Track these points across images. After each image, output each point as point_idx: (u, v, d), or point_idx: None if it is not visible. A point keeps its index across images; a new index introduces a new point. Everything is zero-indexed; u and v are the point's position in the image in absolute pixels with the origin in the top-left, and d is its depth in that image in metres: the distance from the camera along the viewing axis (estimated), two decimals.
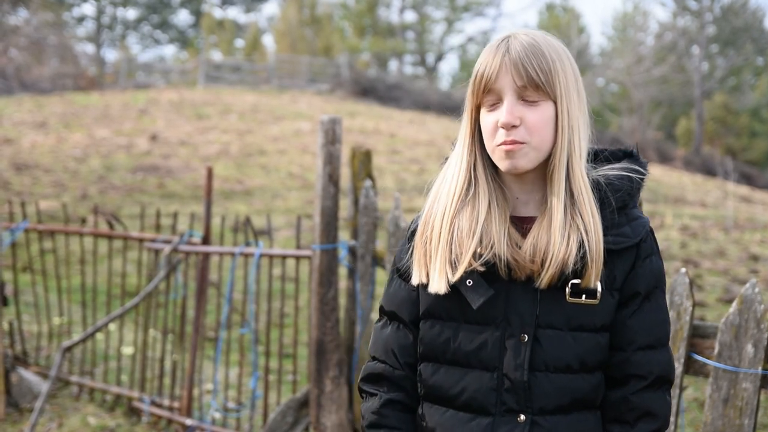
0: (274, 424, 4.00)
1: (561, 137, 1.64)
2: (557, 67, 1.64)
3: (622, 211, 1.67)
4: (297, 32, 36.78)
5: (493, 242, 1.64)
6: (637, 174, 1.70)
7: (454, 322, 1.70)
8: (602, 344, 1.67)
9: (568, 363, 1.65)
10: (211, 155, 16.40)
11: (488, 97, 1.66)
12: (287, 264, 7.79)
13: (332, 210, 3.91)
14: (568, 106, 1.64)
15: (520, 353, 1.64)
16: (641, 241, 1.67)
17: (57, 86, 28.13)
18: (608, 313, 1.66)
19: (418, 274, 1.71)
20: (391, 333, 1.78)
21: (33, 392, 5.15)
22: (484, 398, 1.67)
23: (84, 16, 45.36)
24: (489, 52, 1.66)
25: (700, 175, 22.92)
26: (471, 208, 1.67)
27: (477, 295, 1.64)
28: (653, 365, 1.67)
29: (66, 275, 6.41)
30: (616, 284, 1.66)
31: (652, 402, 1.67)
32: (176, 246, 4.77)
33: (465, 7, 42.99)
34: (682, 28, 35.32)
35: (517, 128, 1.63)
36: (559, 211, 1.62)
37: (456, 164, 1.73)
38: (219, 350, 4.66)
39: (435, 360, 1.72)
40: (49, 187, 13.12)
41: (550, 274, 1.61)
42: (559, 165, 1.64)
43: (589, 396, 1.67)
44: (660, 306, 1.69)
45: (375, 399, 1.78)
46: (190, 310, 5.89)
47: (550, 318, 1.65)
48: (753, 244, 10.33)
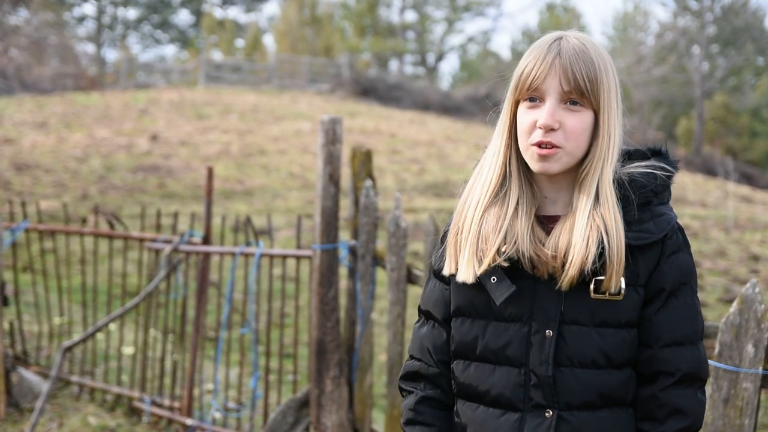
0: (274, 424, 4.00)
1: (600, 146, 1.67)
2: (602, 76, 1.66)
3: (645, 207, 1.68)
4: (297, 32, 36.79)
5: (517, 238, 1.67)
6: (663, 171, 1.71)
7: (482, 320, 1.73)
8: (628, 340, 1.67)
9: (593, 358, 1.66)
10: (212, 155, 16.41)
11: (530, 95, 1.67)
12: (288, 264, 7.79)
13: (333, 210, 3.91)
14: (608, 115, 1.67)
15: (544, 349, 1.66)
16: (666, 237, 1.67)
17: (57, 86, 28.14)
18: (633, 309, 1.67)
19: (449, 264, 1.74)
20: (427, 332, 1.83)
21: (33, 392, 5.15)
22: (512, 394, 1.69)
23: (84, 16, 45.38)
24: (539, 51, 1.67)
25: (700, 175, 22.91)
26: (501, 204, 1.70)
27: (500, 292, 1.67)
28: (681, 362, 1.67)
29: (66, 275, 6.41)
30: (640, 280, 1.67)
31: (681, 399, 1.66)
32: (177, 246, 4.78)
33: (465, 6, 42.99)
34: (682, 27, 35.31)
35: (555, 131, 1.64)
36: (584, 215, 1.64)
37: (492, 157, 1.74)
38: (219, 350, 4.66)
39: (466, 357, 1.75)
40: (50, 187, 13.12)
41: (570, 275, 1.63)
42: (592, 172, 1.66)
43: (617, 392, 1.68)
44: (687, 303, 1.69)
45: (412, 396, 1.82)
46: (190, 310, 5.89)
47: (574, 314, 1.66)
48: (753, 244, 10.33)
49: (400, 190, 13.29)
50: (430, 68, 44.46)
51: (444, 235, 1.80)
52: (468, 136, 21.54)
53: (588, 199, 1.65)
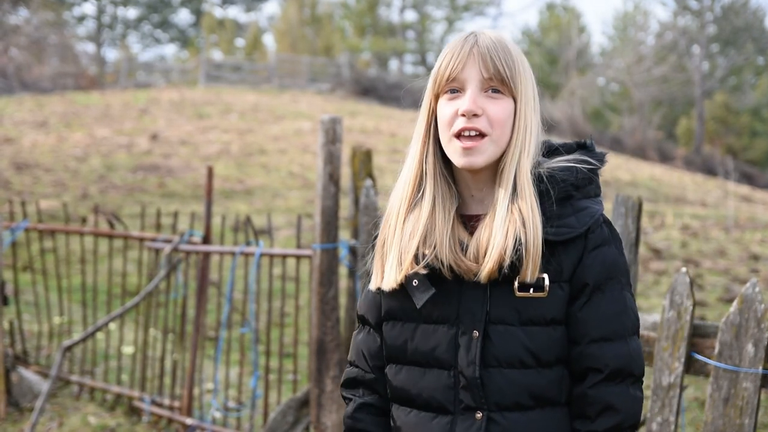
0: (274, 423, 4.00)
1: (516, 135, 1.65)
2: (519, 66, 1.66)
3: (566, 201, 1.65)
4: (297, 32, 36.78)
5: (436, 244, 1.64)
6: (586, 165, 1.68)
7: (411, 323, 1.70)
8: (555, 338, 1.64)
9: (520, 358, 1.63)
10: (212, 155, 16.40)
11: (450, 87, 1.67)
12: (288, 263, 7.78)
13: (333, 209, 3.90)
14: (525, 105, 1.66)
15: (471, 349, 1.64)
16: (588, 231, 1.64)
17: (57, 86, 28.14)
18: (558, 305, 1.64)
19: (376, 275, 1.73)
20: (363, 337, 1.81)
21: (33, 392, 5.15)
22: (442, 397, 1.67)
23: (84, 16, 45.36)
24: (456, 44, 1.68)
25: (700, 175, 22.92)
26: (418, 209, 1.68)
27: (420, 295, 1.65)
28: (608, 358, 1.63)
29: (66, 275, 6.41)
30: (564, 276, 1.64)
31: (611, 396, 1.63)
32: (177, 245, 4.77)
33: (465, 6, 42.99)
34: (682, 27, 35.31)
35: (479, 117, 1.63)
36: (503, 207, 1.62)
37: (410, 160, 1.73)
38: (219, 350, 4.66)
39: (397, 361, 1.73)
40: (50, 186, 13.12)
41: (489, 268, 1.60)
42: (510, 162, 1.64)
43: (549, 392, 1.65)
44: (615, 298, 1.65)
45: (351, 403, 1.80)
46: (190, 309, 5.88)
47: (500, 313, 1.64)
48: (753, 244, 10.32)
49: None
50: (430, 68, 44.36)
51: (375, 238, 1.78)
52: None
53: (506, 192, 1.62)
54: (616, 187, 16.00)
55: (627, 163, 21.88)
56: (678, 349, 2.60)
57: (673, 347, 2.61)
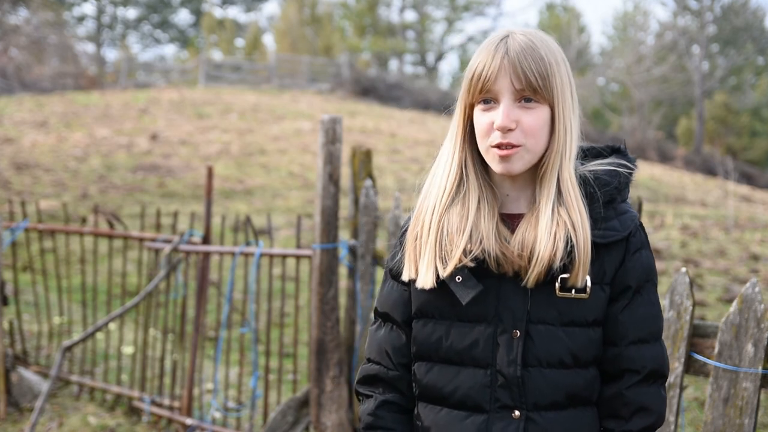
0: (274, 423, 4.00)
1: (556, 140, 1.65)
2: (554, 71, 1.65)
3: (609, 205, 1.67)
4: (297, 32, 36.78)
5: (482, 238, 1.65)
6: (625, 169, 1.71)
7: (445, 320, 1.71)
8: (594, 339, 1.67)
9: (560, 358, 1.65)
10: (212, 155, 16.40)
11: (484, 97, 1.66)
12: (287, 263, 7.79)
13: (332, 209, 3.90)
14: (563, 109, 1.66)
15: (512, 349, 1.65)
16: (630, 235, 1.67)
17: (57, 86, 28.13)
18: (599, 307, 1.66)
19: (408, 270, 1.72)
20: (385, 334, 1.80)
21: (33, 392, 5.15)
22: (478, 395, 1.67)
23: (84, 16, 45.37)
24: (487, 52, 1.66)
25: (700, 175, 22.92)
26: (461, 206, 1.69)
27: (466, 291, 1.65)
28: (646, 359, 1.67)
29: (66, 275, 6.41)
30: (606, 278, 1.66)
31: (647, 397, 1.66)
32: (176, 245, 4.78)
33: (465, 6, 42.99)
34: (682, 27, 35.31)
35: (513, 131, 1.63)
36: (547, 210, 1.63)
37: (446, 162, 1.73)
38: (219, 350, 4.66)
39: (428, 359, 1.73)
40: (50, 186, 13.12)
41: (537, 272, 1.62)
42: (551, 167, 1.65)
43: (584, 392, 1.67)
44: (651, 300, 1.69)
45: (371, 401, 1.79)
46: (190, 309, 5.89)
47: (541, 313, 1.65)
48: (753, 244, 10.32)
49: (400, 190, 13.28)
50: (430, 68, 44.46)
51: (402, 234, 1.78)
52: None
53: (550, 195, 1.64)
54: None
55: None
56: (678, 349, 2.60)
57: (672, 347, 2.61)
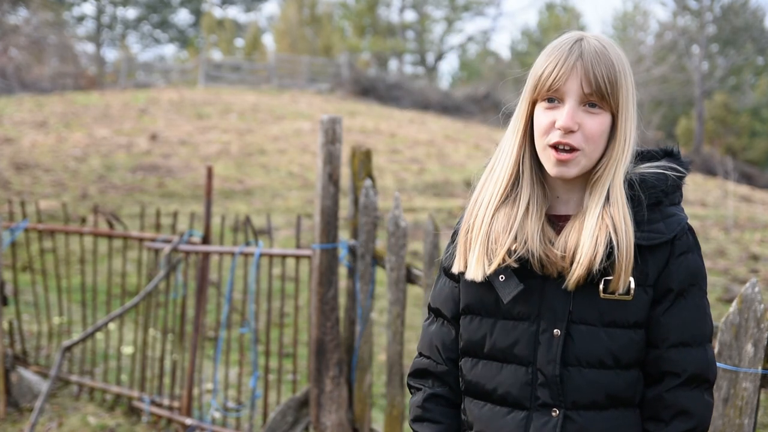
0: (274, 423, 4.00)
1: (615, 149, 1.67)
2: (621, 79, 1.66)
3: (656, 207, 1.67)
4: (297, 32, 36.77)
5: (527, 239, 1.67)
6: (675, 172, 1.71)
7: (491, 318, 1.73)
8: (636, 341, 1.67)
9: (600, 358, 1.66)
10: (212, 155, 16.40)
11: (549, 96, 1.67)
12: (287, 263, 7.78)
13: (332, 209, 3.90)
14: (625, 118, 1.67)
15: (552, 348, 1.67)
16: (675, 238, 1.67)
17: (57, 86, 28.12)
18: (641, 309, 1.67)
19: (458, 262, 1.75)
20: (436, 329, 1.84)
21: (33, 392, 5.15)
22: (519, 392, 1.70)
23: (84, 16, 45.35)
24: (560, 52, 1.66)
25: (700, 175, 22.89)
26: (512, 204, 1.71)
27: (508, 290, 1.68)
28: (687, 363, 1.66)
29: (66, 275, 6.41)
30: (649, 280, 1.66)
31: (687, 400, 1.66)
32: (176, 245, 4.77)
33: (465, 6, 42.98)
34: (682, 27, 35.31)
35: (574, 133, 1.64)
36: (594, 215, 1.64)
37: (505, 157, 1.74)
38: (219, 350, 4.66)
39: (474, 355, 1.76)
40: (49, 186, 13.12)
41: (578, 275, 1.63)
42: (606, 174, 1.67)
43: (625, 393, 1.68)
44: (696, 304, 1.69)
45: (420, 393, 1.84)
46: (190, 309, 5.89)
47: (583, 313, 1.66)
48: (753, 244, 10.32)
49: (400, 190, 13.29)
50: (429, 68, 44.45)
51: (455, 232, 1.81)
52: (467, 135, 21.53)
53: (599, 200, 1.65)
54: None
55: None
56: None
57: None
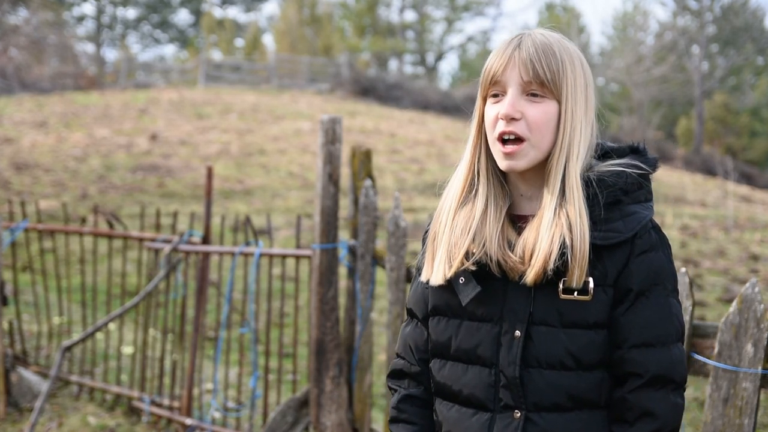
0: (274, 423, 4.00)
1: (561, 138, 1.65)
2: (566, 68, 1.65)
3: (614, 206, 1.65)
4: (297, 32, 36.76)
5: (485, 242, 1.66)
6: (637, 170, 1.68)
7: (456, 319, 1.73)
8: (597, 342, 1.65)
9: (560, 359, 1.64)
10: (211, 155, 16.40)
11: (494, 90, 1.68)
12: (287, 263, 7.79)
13: (332, 209, 3.90)
14: (572, 107, 1.65)
15: (512, 349, 1.66)
16: (635, 237, 1.64)
17: (57, 86, 28.12)
18: (601, 310, 1.64)
19: (426, 269, 1.76)
20: (410, 330, 1.85)
21: (33, 392, 5.15)
22: (482, 394, 1.69)
23: (84, 16, 45.35)
24: (501, 47, 1.69)
25: (700, 175, 22.90)
26: (470, 206, 1.71)
27: (466, 292, 1.68)
28: (650, 363, 1.63)
29: (66, 275, 6.41)
30: (608, 281, 1.64)
31: (651, 401, 1.63)
32: (176, 245, 4.77)
33: (465, 6, 42.98)
34: (682, 27, 35.31)
35: (518, 121, 1.64)
36: (550, 212, 1.63)
37: (464, 158, 1.76)
38: (219, 350, 4.66)
39: (441, 356, 1.76)
40: (49, 186, 13.12)
41: (534, 272, 1.62)
42: (556, 165, 1.65)
43: (588, 394, 1.66)
44: (660, 304, 1.65)
45: (396, 394, 1.85)
46: (190, 309, 5.89)
47: (543, 314, 1.65)
48: (753, 244, 10.32)
49: (400, 190, 13.29)
50: (429, 68, 44.44)
51: (426, 234, 1.82)
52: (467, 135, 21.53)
53: (553, 196, 1.63)
54: None
55: None
56: None
57: None
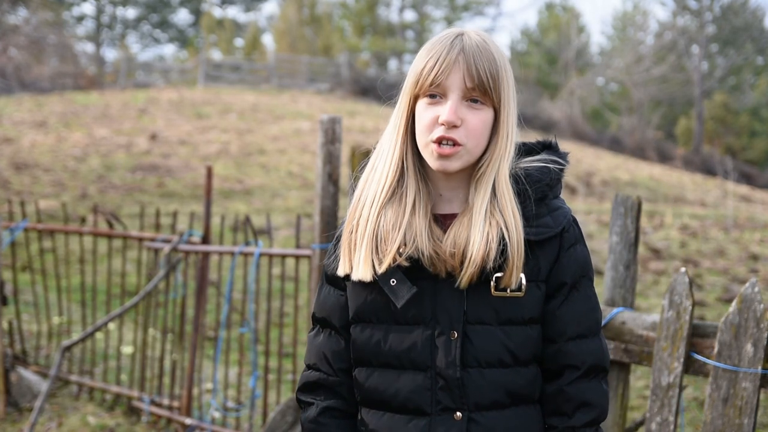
0: (273, 423, 4.00)
1: (498, 144, 1.65)
2: (503, 74, 1.65)
3: (541, 202, 1.67)
4: (297, 31, 36.77)
5: (416, 236, 1.64)
6: (556, 165, 1.70)
7: (383, 324, 1.69)
8: (533, 337, 1.66)
9: (500, 357, 1.65)
10: (211, 154, 16.40)
11: (432, 92, 1.65)
12: (287, 263, 7.79)
13: (332, 209, 3.90)
14: (507, 113, 1.66)
15: (450, 351, 1.64)
16: (563, 231, 1.67)
17: (57, 85, 28.12)
18: (535, 305, 1.66)
19: (343, 264, 1.70)
20: (324, 340, 1.77)
21: (33, 391, 5.15)
22: (419, 398, 1.66)
23: (83, 15, 45.33)
24: (441, 46, 1.64)
25: (699, 175, 22.92)
26: (398, 201, 1.67)
27: (401, 293, 1.64)
28: (586, 354, 1.67)
29: (66, 274, 6.41)
30: (541, 275, 1.66)
31: (588, 392, 1.66)
32: (176, 245, 4.77)
33: (465, 6, 42.99)
34: (681, 27, 35.32)
35: (458, 128, 1.63)
36: (481, 211, 1.62)
37: (387, 153, 1.72)
38: (219, 349, 4.66)
39: (368, 364, 1.71)
40: (49, 186, 13.12)
41: (470, 273, 1.61)
42: (489, 169, 1.65)
43: (525, 390, 1.67)
44: (588, 295, 1.69)
45: (312, 408, 1.77)
46: (189, 309, 5.89)
47: (478, 313, 1.64)
48: (753, 244, 10.32)
49: None
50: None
51: (337, 237, 1.76)
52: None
53: (485, 196, 1.63)
54: (615, 187, 16.00)
55: (626, 162, 21.89)
56: (677, 349, 2.60)
57: (672, 347, 2.61)
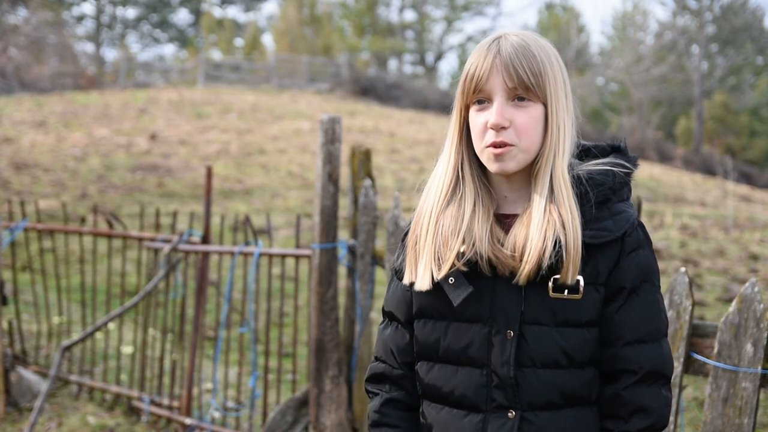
0: (273, 423, 4.00)
1: (549, 139, 1.66)
2: (547, 69, 1.66)
3: (603, 205, 1.67)
4: (297, 31, 36.77)
5: (475, 240, 1.66)
6: (622, 168, 1.71)
7: (444, 321, 1.72)
8: (589, 340, 1.67)
9: (554, 358, 1.65)
10: (211, 154, 16.40)
11: (478, 97, 1.68)
12: (287, 263, 7.79)
13: (332, 209, 3.90)
14: (556, 107, 1.67)
15: (506, 349, 1.66)
16: (625, 235, 1.66)
17: (56, 85, 28.12)
18: (593, 308, 1.66)
19: (408, 273, 1.75)
20: (390, 333, 1.83)
21: (32, 391, 5.15)
22: (474, 395, 1.69)
23: (83, 15, 45.34)
24: (480, 53, 1.68)
25: (699, 175, 22.91)
26: (457, 207, 1.70)
27: (457, 293, 1.67)
28: (643, 360, 1.66)
29: (65, 274, 6.41)
30: (600, 279, 1.66)
31: (645, 397, 1.66)
32: (176, 245, 4.77)
33: (465, 6, 42.97)
34: (681, 27, 35.32)
35: (507, 129, 1.65)
36: (539, 209, 1.63)
37: (444, 163, 1.75)
38: (218, 349, 4.66)
39: (429, 358, 1.75)
40: (49, 186, 13.11)
41: (528, 269, 1.62)
42: (545, 165, 1.66)
43: (580, 392, 1.67)
44: (650, 300, 1.68)
45: (377, 398, 1.82)
46: (189, 309, 5.89)
47: (535, 314, 1.66)
48: (753, 244, 10.32)
49: (400, 190, 13.28)
50: (429, 67, 44.44)
51: (405, 234, 1.81)
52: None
53: (542, 194, 1.64)
54: None
55: None
56: (677, 348, 2.60)
57: (672, 347, 2.61)
